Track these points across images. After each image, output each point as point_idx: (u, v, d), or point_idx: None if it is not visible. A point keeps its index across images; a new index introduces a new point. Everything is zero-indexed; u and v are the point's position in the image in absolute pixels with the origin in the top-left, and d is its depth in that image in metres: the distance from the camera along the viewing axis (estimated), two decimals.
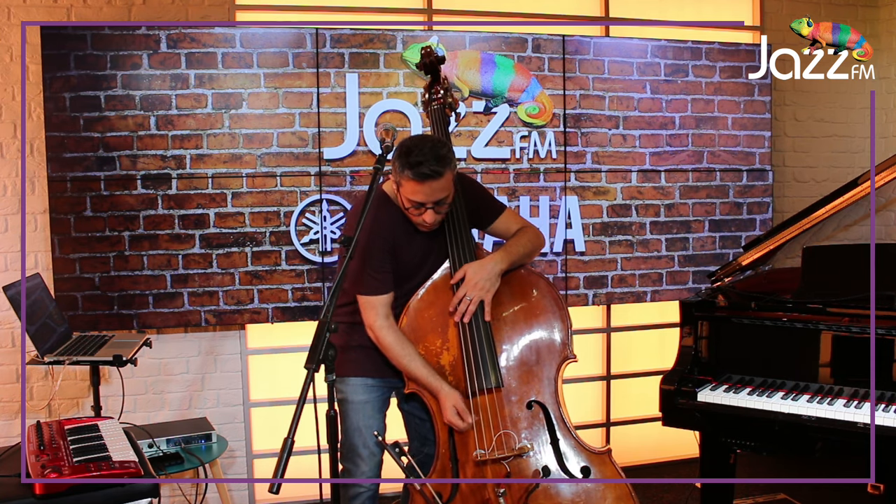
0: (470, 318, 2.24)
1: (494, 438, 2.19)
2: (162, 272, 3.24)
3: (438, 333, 2.30)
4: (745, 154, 3.85)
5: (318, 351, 1.79)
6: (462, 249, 2.30)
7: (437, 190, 2.13)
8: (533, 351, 2.31)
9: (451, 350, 2.28)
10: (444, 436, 2.24)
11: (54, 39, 3.09)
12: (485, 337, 2.24)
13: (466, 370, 2.24)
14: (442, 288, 2.32)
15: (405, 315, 2.30)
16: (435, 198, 2.15)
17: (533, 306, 2.34)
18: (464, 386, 2.24)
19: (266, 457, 3.54)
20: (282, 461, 1.67)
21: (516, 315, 2.33)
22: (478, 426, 2.20)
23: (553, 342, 2.32)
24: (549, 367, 2.30)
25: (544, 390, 2.28)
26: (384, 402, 2.41)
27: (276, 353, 3.53)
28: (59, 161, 3.13)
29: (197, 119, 3.23)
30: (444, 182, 2.13)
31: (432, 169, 2.09)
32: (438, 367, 2.27)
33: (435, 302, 2.31)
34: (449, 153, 2.17)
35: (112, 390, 3.19)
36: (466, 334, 2.24)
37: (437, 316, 2.30)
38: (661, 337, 3.94)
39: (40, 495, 1.63)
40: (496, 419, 2.21)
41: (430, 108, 2.48)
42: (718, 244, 3.85)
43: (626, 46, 3.66)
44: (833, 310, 2.44)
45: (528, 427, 2.23)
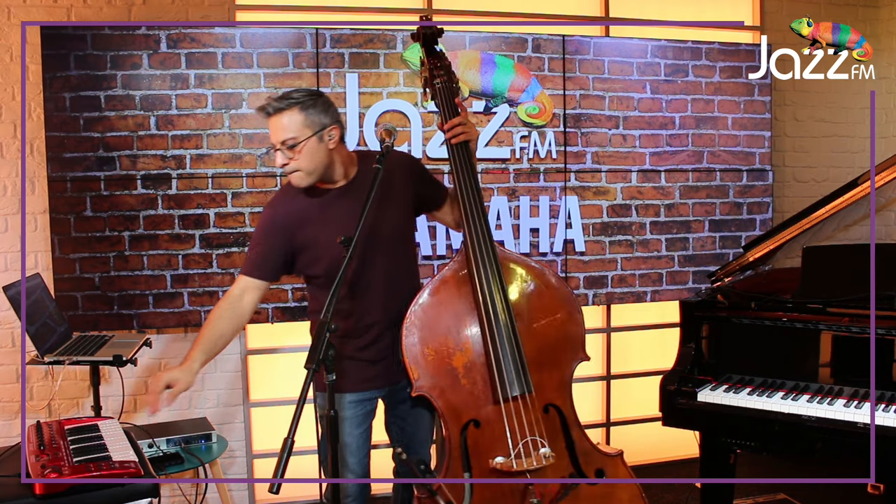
0: (458, 143, 2.20)
1: (521, 444, 2.10)
2: (162, 272, 3.24)
3: (451, 334, 2.18)
4: (745, 154, 3.85)
5: (318, 351, 1.79)
6: (478, 229, 2.18)
7: (279, 129, 2.07)
8: (554, 353, 2.24)
9: (467, 352, 2.17)
10: (456, 439, 2.13)
11: (54, 39, 3.09)
12: (515, 341, 2.13)
13: (496, 376, 2.12)
14: (452, 282, 2.21)
15: (412, 312, 2.16)
16: (278, 137, 2.08)
17: (554, 308, 2.26)
18: (480, 389, 2.15)
19: (266, 457, 3.54)
20: (282, 461, 1.66)
21: (539, 317, 2.24)
22: (500, 432, 2.11)
23: (572, 344, 2.27)
24: (565, 369, 2.24)
25: (561, 393, 2.21)
26: (366, 416, 2.29)
27: (275, 354, 3.53)
28: (59, 161, 3.13)
29: (197, 119, 3.23)
30: (284, 120, 2.06)
31: (272, 105, 2.06)
32: (450, 368, 2.16)
33: (445, 299, 2.20)
34: (304, 96, 2.09)
35: (112, 390, 3.19)
36: (493, 338, 2.12)
37: (449, 315, 2.19)
38: (661, 337, 3.94)
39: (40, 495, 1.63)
40: (521, 425, 2.11)
41: (434, 87, 2.31)
42: (718, 244, 3.85)
43: (626, 46, 3.66)
44: (833, 310, 2.44)
45: (547, 432, 2.14)
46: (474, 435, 2.15)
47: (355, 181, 2.22)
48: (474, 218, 2.20)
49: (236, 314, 2.21)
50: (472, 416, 2.15)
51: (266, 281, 2.24)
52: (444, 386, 2.16)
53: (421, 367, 2.16)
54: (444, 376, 2.16)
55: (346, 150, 2.24)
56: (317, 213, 2.20)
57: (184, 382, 2.04)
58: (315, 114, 2.09)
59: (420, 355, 2.16)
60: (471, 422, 2.15)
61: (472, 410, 2.16)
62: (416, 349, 2.16)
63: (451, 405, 2.15)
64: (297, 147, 2.08)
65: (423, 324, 2.18)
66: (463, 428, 2.14)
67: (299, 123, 2.08)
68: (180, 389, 2.04)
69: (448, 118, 2.26)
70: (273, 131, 2.09)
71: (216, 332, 2.17)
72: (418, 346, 2.16)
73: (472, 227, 2.19)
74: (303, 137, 2.08)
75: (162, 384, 2.02)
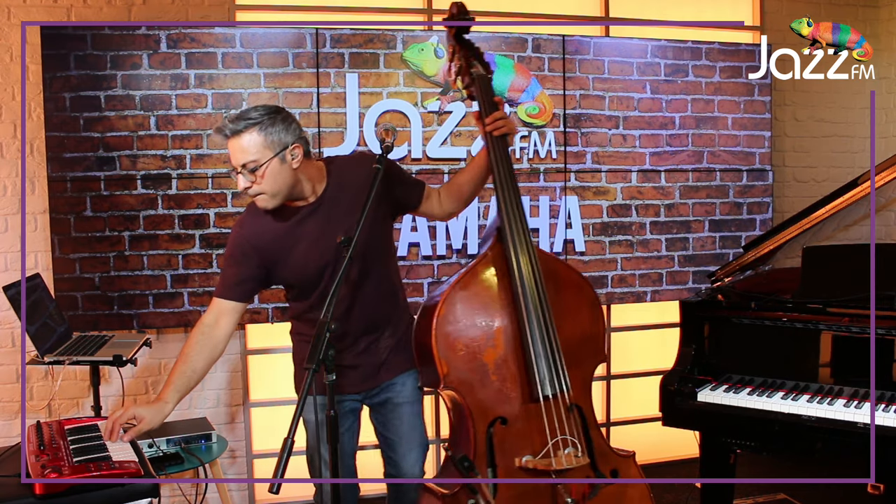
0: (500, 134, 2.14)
1: (550, 444, 2.05)
2: (162, 272, 3.24)
3: (482, 327, 2.10)
4: (745, 154, 3.85)
5: (318, 351, 1.79)
6: (516, 225, 2.11)
7: (238, 151, 1.96)
8: (581, 353, 2.18)
9: (498, 348, 2.10)
10: (482, 436, 2.06)
11: (54, 39, 3.09)
12: (553, 340, 2.06)
13: (531, 373, 2.05)
14: (484, 277, 2.12)
15: (441, 304, 2.07)
16: (238, 160, 1.97)
17: (584, 308, 2.22)
18: (510, 386, 2.09)
19: (266, 457, 3.54)
20: (282, 461, 1.66)
21: (570, 316, 2.18)
22: (529, 429, 2.06)
23: (596, 344, 2.23)
24: (589, 369, 2.21)
25: (584, 393, 2.17)
26: (342, 419, 2.23)
27: (275, 353, 3.53)
28: (59, 161, 3.13)
29: (197, 119, 3.23)
30: (243, 142, 1.95)
31: (228, 127, 1.95)
32: (480, 364, 2.09)
33: (477, 294, 2.11)
34: (262, 115, 1.97)
35: (112, 390, 3.19)
36: (530, 335, 2.05)
37: (481, 309, 2.10)
38: (661, 337, 3.94)
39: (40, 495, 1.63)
40: (552, 424, 2.06)
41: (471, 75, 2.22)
42: (718, 244, 3.85)
43: (626, 46, 3.66)
44: (833, 310, 2.44)
45: (572, 431, 2.09)
46: (501, 432, 2.08)
47: (324, 196, 2.12)
48: (512, 213, 2.13)
49: (210, 345, 2.14)
50: (500, 413, 2.08)
51: (241, 302, 2.18)
52: (473, 381, 2.08)
53: (451, 362, 2.07)
54: (475, 372, 2.09)
55: (313, 166, 2.12)
56: (287, 232, 2.12)
57: (149, 423, 1.99)
58: (275, 133, 1.98)
59: (450, 349, 2.08)
60: (498, 419, 2.08)
61: (500, 407, 2.09)
62: (446, 343, 2.07)
63: (478, 401, 2.09)
64: (258, 170, 1.97)
65: (454, 317, 2.09)
66: (490, 425, 2.08)
67: (259, 145, 1.96)
68: (143, 429, 1.98)
69: (487, 110, 2.19)
70: (232, 154, 1.98)
71: (188, 366, 2.10)
72: (449, 340, 2.08)
73: (510, 222, 2.12)
74: (264, 160, 1.97)
75: (127, 416, 1.98)
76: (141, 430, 1.98)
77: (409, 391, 2.28)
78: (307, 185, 2.09)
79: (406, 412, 2.28)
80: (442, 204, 2.35)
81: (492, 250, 2.17)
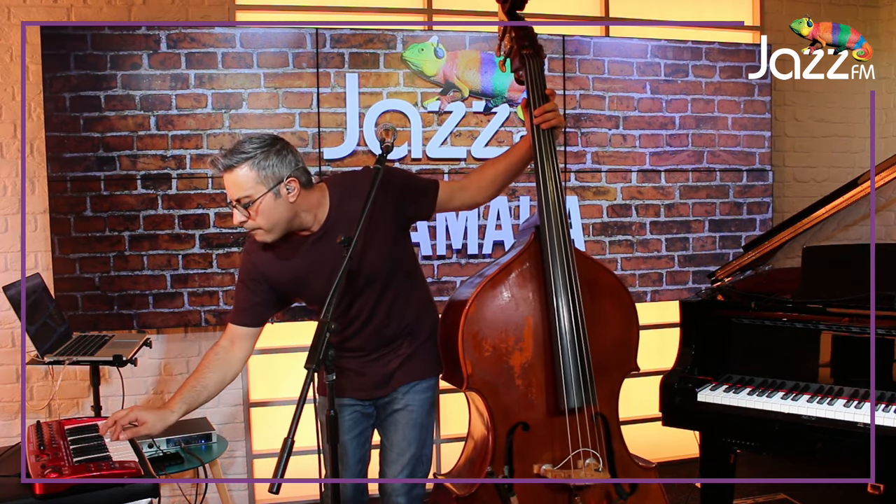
0: (548, 127, 2.04)
1: (571, 455, 2.02)
2: (162, 272, 3.24)
3: (511, 329, 2.03)
4: (745, 154, 3.85)
5: (318, 351, 1.79)
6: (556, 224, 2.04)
7: (232, 186, 1.92)
8: (612, 361, 2.14)
9: (526, 351, 2.04)
10: (501, 440, 2.03)
11: (54, 39, 3.09)
12: (584, 352, 2.00)
13: (558, 384, 2.01)
14: (517, 276, 2.05)
15: (472, 302, 1.99)
16: (232, 194, 1.93)
17: (619, 316, 2.16)
18: (535, 393, 2.05)
19: (266, 457, 3.54)
20: (282, 461, 1.66)
21: (604, 324, 2.12)
22: (550, 438, 2.02)
23: (629, 354, 2.19)
24: (618, 379, 2.16)
25: (610, 402, 2.13)
26: (355, 423, 2.20)
27: (275, 353, 3.52)
28: (59, 161, 3.13)
29: (197, 119, 3.23)
30: (236, 177, 1.90)
31: (221, 162, 1.91)
32: (506, 367, 2.03)
33: (508, 293, 2.04)
34: (256, 149, 1.90)
35: (112, 390, 3.19)
36: (560, 346, 1.99)
37: (511, 310, 2.03)
38: (661, 337, 3.94)
39: (40, 495, 1.62)
40: (574, 436, 2.02)
41: (522, 58, 2.11)
42: (718, 244, 3.85)
43: (626, 46, 3.66)
44: (833, 310, 2.44)
45: (594, 444, 2.06)
46: (521, 438, 2.05)
47: (328, 223, 2.05)
48: (554, 212, 2.05)
49: (223, 366, 2.11)
50: (523, 418, 2.05)
51: (254, 327, 2.14)
52: (497, 384, 2.03)
53: (476, 363, 2.01)
54: (500, 374, 2.03)
55: (313, 195, 2.03)
56: (299, 264, 2.06)
57: (150, 428, 1.96)
58: (269, 167, 1.91)
59: (477, 350, 2.01)
60: (519, 424, 2.05)
61: (523, 413, 2.05)
62: (473, 343, 2.01)
63: (501, 405, 2.04)
64: (252, 206, 1.93)
65: (482, 316, 2.03)
66: (511, 429, 2.05)
67: (252, 180, 1.90)
68: (143, 432, 1.96)
69: (537, 101, 2.09)
70: (227, 188, 1.94)
71: (200, 382, 2.07)
72: (477, 340, 2.01)
73: (551, 222, 2.05)
74: (257, 195, 1.91)
75: (130, 417, 1.96)
76: (140, 434, 1.97)
77: (409, 398, 2.19)
78: (307, 216, 2.04)
79: (401, 420, 2.19)
80: (471, 194, 2.23)
81: (528, 249, 2.09)
